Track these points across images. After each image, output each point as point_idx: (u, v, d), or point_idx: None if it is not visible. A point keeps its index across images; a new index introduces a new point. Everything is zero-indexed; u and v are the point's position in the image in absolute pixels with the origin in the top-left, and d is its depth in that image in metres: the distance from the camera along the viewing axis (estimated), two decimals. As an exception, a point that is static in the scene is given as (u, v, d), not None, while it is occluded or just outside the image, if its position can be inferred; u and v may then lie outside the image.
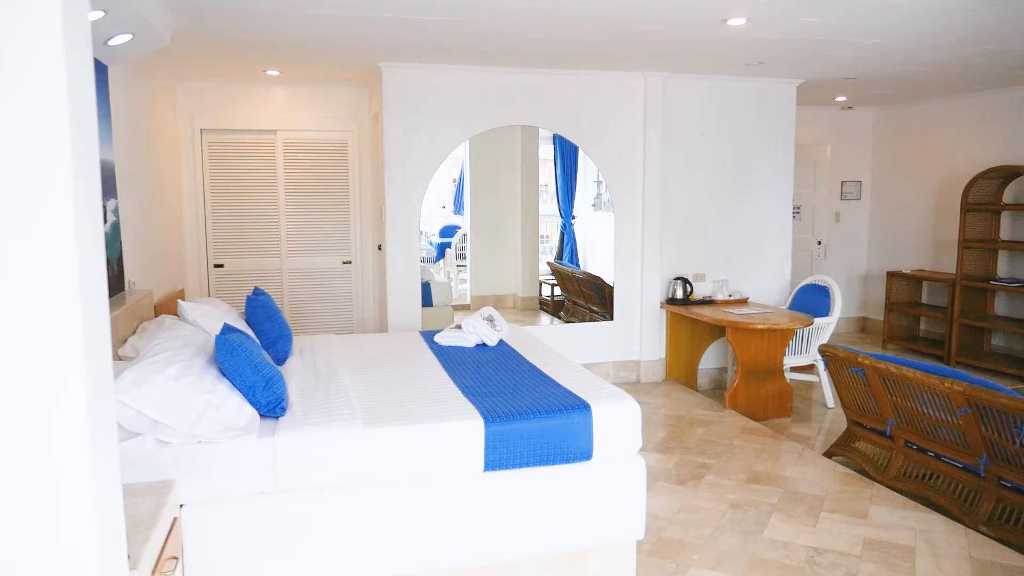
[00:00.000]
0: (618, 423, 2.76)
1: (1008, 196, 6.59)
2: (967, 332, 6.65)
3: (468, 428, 2.63)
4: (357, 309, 6.46)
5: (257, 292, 4.00)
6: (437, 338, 4.10)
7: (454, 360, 3.67)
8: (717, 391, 6.03)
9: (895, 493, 3.75)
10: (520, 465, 2.67)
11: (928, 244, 7.48)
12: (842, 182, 8.20)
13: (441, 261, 10.19)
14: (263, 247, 6.16)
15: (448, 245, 10.36)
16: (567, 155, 8.93)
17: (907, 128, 7.67)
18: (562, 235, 9.18)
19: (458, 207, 11.02)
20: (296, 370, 3.40)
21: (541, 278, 8.33)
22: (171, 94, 5.62)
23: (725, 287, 5.98)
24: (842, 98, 7.17)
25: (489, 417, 2.68)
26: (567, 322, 7.71)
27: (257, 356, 2.79)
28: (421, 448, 2.59)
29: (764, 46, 4.61)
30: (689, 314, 5.66)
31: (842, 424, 5.11)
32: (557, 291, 8.15)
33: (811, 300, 5.77)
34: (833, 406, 5.51)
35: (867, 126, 8.07)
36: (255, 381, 2.66)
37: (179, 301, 3.52)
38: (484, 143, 6.83)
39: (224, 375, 2.68)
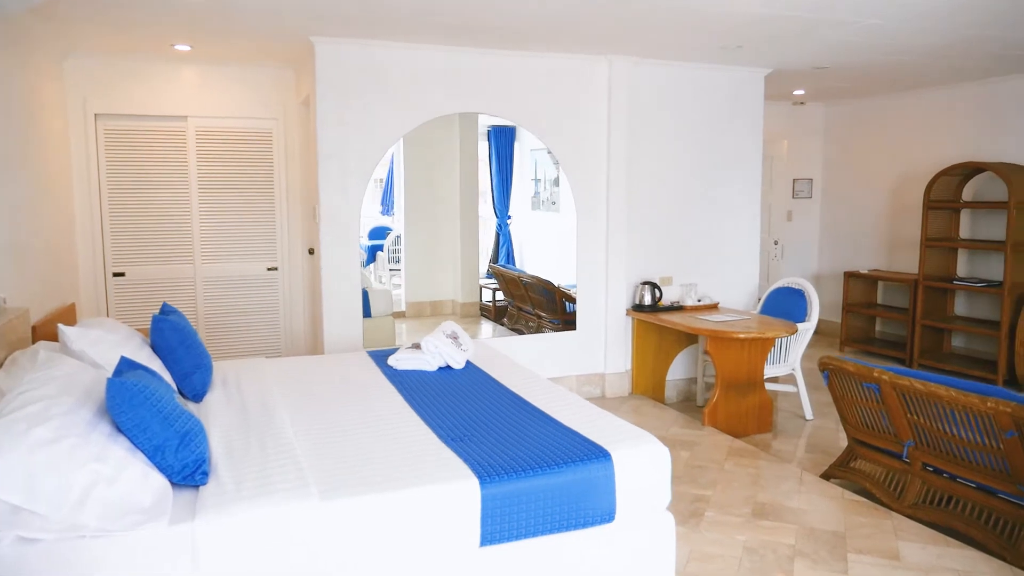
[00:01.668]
0: (645, 473, 2.19)
1: (967, 193, 6.41)
2: (928, 333, 6.44)
3: (459, 492, 2.00)
4: (285, 323, 5.68)
5: (166, 310, 3.23)
6: (392, 361, 3.43)
7: (417, 389, 3.01)
8: (686, 403, 5.57)
9: (919, 524, 3.33)
10: (526, 535, 2.06)
11: (882, 243, 7.27)
12: (794, 180, 7.93)
13: (372, 265, 9.45)
14: (172, 252, 5.31)
15: (380, 248, 9.63)
16: (502, 152, 8.37)
17: (859, 125, 7.46)
18: (497, 236, 8.63)
19: (387, 207, 10.30)
20: (219, 411, 2.67)
21: (482, 282, 7.74)
22: (57, 72, 4.72)
23: (693, 291, 5.52)
24: (800, 91, 6.86)
25: (485, 475, 2.05)
26: (512, 329, 7.16)
27: (167, 401, 2.07)
28: (398, 523, 1.95)
29: (749, 24, 4.13)
30: (658, 322, 5.18)
31: (824, 438, 4.74)
32: (499, 296, 7.58)
33: (785, 304, 5.38)
34: (812, 418, 5.13)
35: (818, 123, 7.83)
36: (165, 438, 1.95)
37: (60, 326, 2.72)
38: (419, 137, 6.19)
39: (121, 432, 1.96)
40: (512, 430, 2.44)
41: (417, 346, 3.52)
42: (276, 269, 5.62)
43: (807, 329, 5.08)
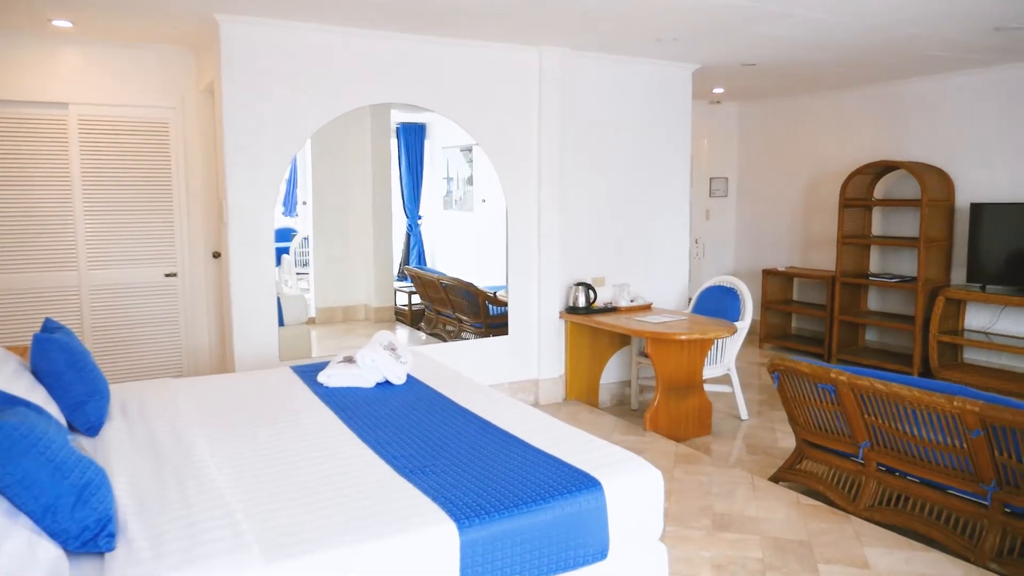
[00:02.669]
0: (639, 502, 1.94)
1: (879, 192, 6.58)
2: (844, 328, 6.56)
3: (434, 539, 1.68)
4: (187, 336, 5.12)
5: (50, 327, 2.72)
6: (323, 377, 3.04)
7: (356, 410, 2.65)
8: (621, 408, 5.41)
9: (879, 528, 3.25)
10: (510, 584, 1.76)
11: (797, 241, 7.40)
12: (711, 178, 7.97)
13: (278, 269, 8.85)
14: (52, 258, 4.66)
15: (285, 251, 9.04)
16: (412, 150, 8.01)
17: (773, 125, 7.57)
18: (408, 237, 8.28)
19: (290, 208, 9.71)
20: (122, 449, 2.22)
21: (396, 286, 7.36)
22: (-97, 48, 4.03)
23: (627, 292, 5.36)
24: (719, 90, 6.86)
25: (462, 516, 1.74)
26: (431, 334, 6.83)
27: (59, 446, 1.65)
28: (363, 583, 1.60)
29: (692, 11, 3.98)
30: (592, 324, 4.98)
31: (762, 438, 4.69)
32: (416, 299, 7.23)
33: (718, 303, 5.30)
34: (747, 418, 5.07)
35: (733, 122, 7.90)
36: (57, 495, 1.53)
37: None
38: (326, 133, 5.78)
39: (-1, 491, 1.52)
40: (480, 458, 2.13)
41: (350, 359, 3.15)
42: (175, 275, 5.05)
43: (742, 328, 5.01)
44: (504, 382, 5.14)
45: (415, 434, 2.37)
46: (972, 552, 2.96)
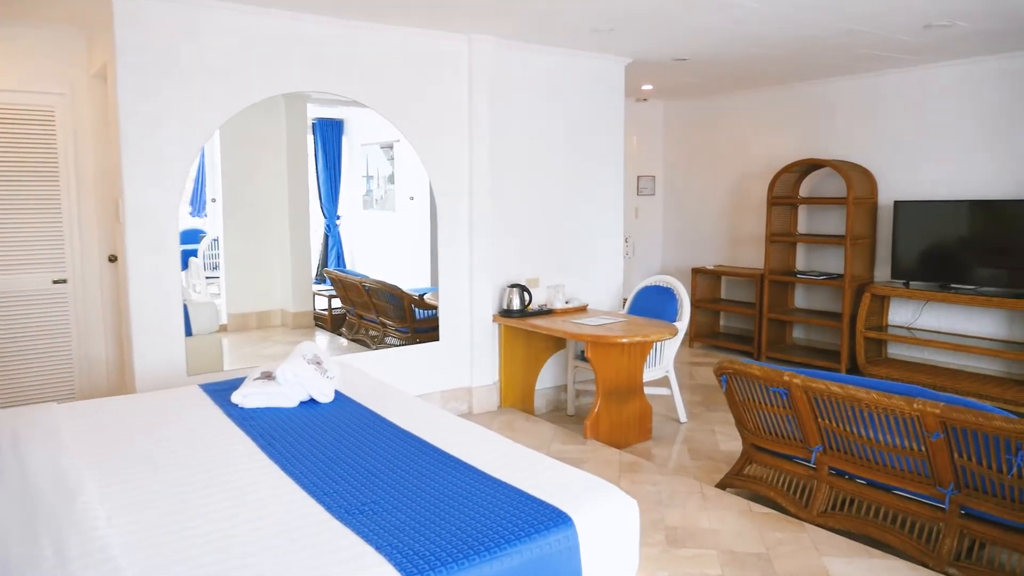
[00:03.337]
0: (614, 537, 1.70)
1: (804, 190, 6.63)
2: (772, 326, 6.58)
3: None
4: (80, 351, 4.59)
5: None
6: (238, 397, 2.68)
7: (279, 437, 2.32)
8: (557, 414, 5.20)
9: (835, 535, 3.14)
10: (472, 646, 1.48)
11: (724, 240, 7.40)
12: (638, 177, 7.90)
13: (185, 273, 8.24)
14: (-86, 265, 4.07)
15: (193, 253, 8.42)
16: (329, 147, 7.62)
17: (699, 123, 7.55)
18: (326, 238, 7.89)
19: (198, 207, 9.10)
20: (-11, 496, 1.83)
21: (315, 289, 6.94)
22: None
23: (561, 293, 5.16)
24: (648, 87, 6.76)
25: (412, 568, 1.46)
26: (354, 340, 6.46)
27: None
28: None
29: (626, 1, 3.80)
30: (528, 327, 4.76)
31: (702, 441, 4.58)
32: (336, 303, 6.84)
33: (654, 303, 5.17)
34: (686, 421, 4.96)
35: (659, 120, 7.85)
36: None
37: None
38: (239, 124, 5.35)
39: None
40: (429, 491, 1.84)
41: (269, 375, 2.79)
42: (65, 282, 4.52)
43: (681, 329, 4.88)
44: (435, 391, 4.84)
45: (350, 464, 2.06)
46: (929, 557, 2.88)
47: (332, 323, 6.82)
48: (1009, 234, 5.22)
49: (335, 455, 2.13)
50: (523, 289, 4.91)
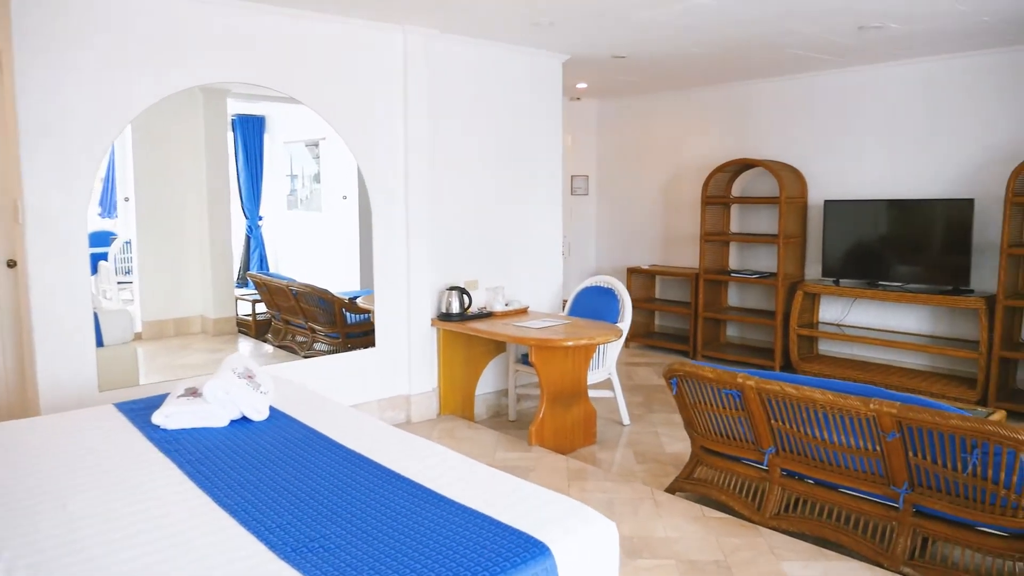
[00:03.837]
0: (594, 566, 1.55)
1: (736, 189, 6.70)
2: (707, 324, 6.62)
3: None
4: (-27, 364, 4.14)
5: None
6: (159, 418, 2.41)
7: (208, 462, 2.08)
8: (499, 420, 5.06)
9: (790, 538, 3.11)
10: None
11: (658, 239, 7.42)
12: (572, 176, 7.84)
13: (95, 278, 7.68)
14: None
15: (103, 257, 7.88)
16: (250, 145, 7.26)
17: (633, 122, 7.54)
18: (248, 240, 7.52)
19: (108, 209, 8.53)
20: None
21: (238, 294, 6.58)
22: None
23: (501, 295, 5.01)
24: (583, 85, 6.70)
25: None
26: (280, 347, 6.15)
27: None
28: None
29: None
30: (468, 331, 4.59)
31: (647, 443, 4.53)
32: (261, 308, 6.50)
33: (596, 305, 5.08)
34: (629, 423, 4.89)
35: (592, 119, 7.81)
36: None
37: None
38: (152, 121, 4.99)
39: None
40: (384, 522, 1.65)
41: (194, 392, 2.53)
42: (-46, 291, 4.06)
43: (624, 330, 4.81)
44: (372, 400, 4.62)
45: (294, 492, 1.84)
46: (884, 556, 2.87)
47: (256, 329, 6.49)
48: (927, 232, 5.38)
49: (276, 482, 1.91)
50: (462, 292, 4.73)
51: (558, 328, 4.41)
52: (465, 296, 4.74)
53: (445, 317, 4.72)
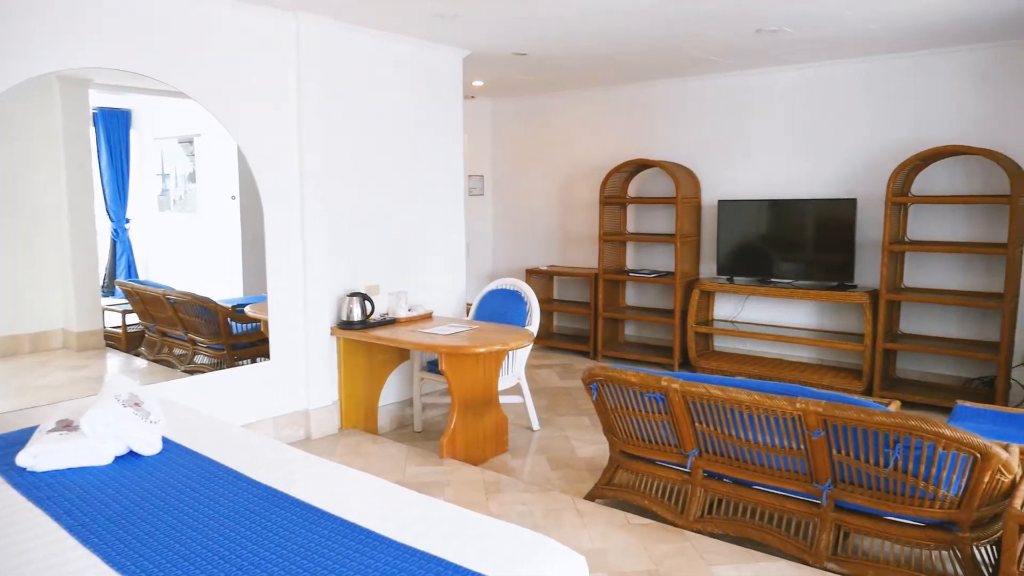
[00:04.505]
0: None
1: (632, 189, 6.76)
2: (606, 324, 6.64)
3: None
4: None
5: None
6: (25, 459, 2.04)
7: (92, 511, 1.76)
8: (404, 431, 4.82)
9: (717, 541, 3.08)
10: None
11: (555, 239, 7.40)
12: (468, 176, 7.67)
13: (-72, 291, 6.77)
14: None
15: (-61, 266, 6.97)
16: (115, 141, 6.66)
17: (529, 122, 7.48)
18: (113, 244, 6.89)
19: (-57, 211, 7.58)
20: None
21: (105, 304, 5.99)
22: None
23: (404, 300, 4.77)
24: (479, 83, 6.55)
25: None
26: (157, 361, 5.64)
27: None
28: None
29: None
30: (371, 340, 4.34)
31: (558, 448, 4.44)
32: (132, 319, 5.94)
33: (502, 308, 4.95)
34: (539, 428, 4.79)
35: (487, 118, 7.68)
36: None
37: None
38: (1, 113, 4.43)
39: None
40: (319, 573, 1.42)
41: (69, 425, 2.17)
42: None
43: (534, 333, 4.70)
44: (267, 417, 4.26)
45: (201, 543, 1.57)
46: (808, 553, 2.89)
47: (127, 342, 5.92)
48: (814, 231, 5.61)
49: (179, 531, 1.63)
50: (364, 298, 4.46)
51: (467, 334, 4.24)
52: (367, 302, 4.47)
53: (346, 325, 4.43)
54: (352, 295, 4.44)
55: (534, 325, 4.71)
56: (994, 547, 2.69)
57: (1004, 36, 4.64)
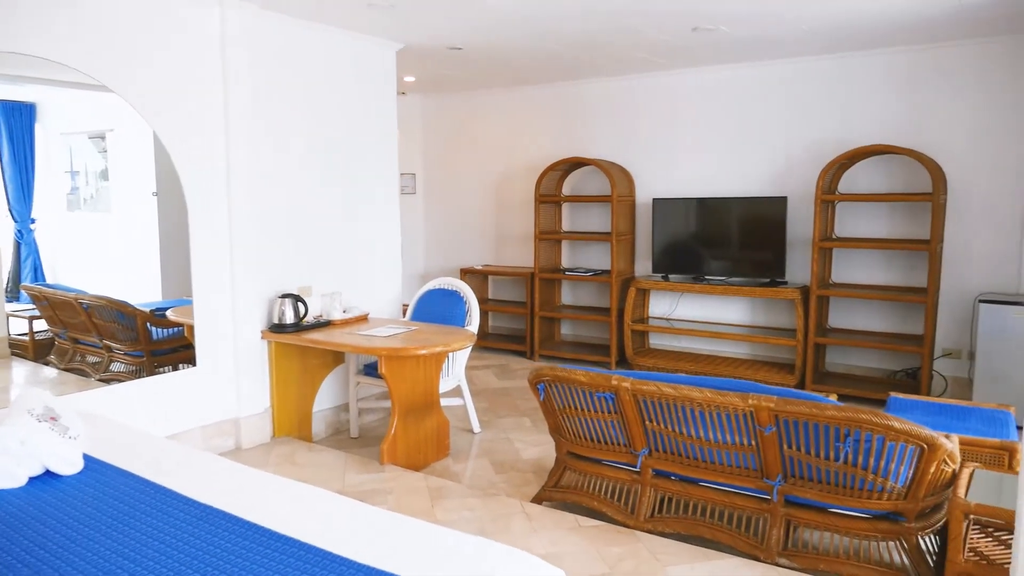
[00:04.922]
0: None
1: (566, 188, 6.74)
2: (542, 323, 6.60)
3: None
4: None
5: None
6: (-78, 485, 1.80)
7: (2, 541, 1.55)
8: (340, 438, 4.64)
9: (669, 540, 3.05)
10: None
11: (488, 238, 7.31)
12: (400, 175, 7.49)
13: None
14: None
15: None
16: (17, 136, 6.22)
17: (461, 119, 7.37)
18: (17, 246, 6.43)
19: None
20: None
21: (9, 310, 5.57)
22: None
23: (339, 302, 4.58)
24: (410, 78, 6.40)
25: None
26: (68, 370, 5.28)
27: None
28: None
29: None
30: (304, 343, 4.15)
31: (501, 450, 4.36)
32: (40, 326, 5.55)
33: (440, 308, 4.82)
34: (479, 430, 4.69)
35: (416, 115, 7.53)
36: None
37: None
38: None
39: None
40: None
41: (-28, 445, 1.93)
42: None
43: (474, 333, 4.59)
44: (194, 427, 4.01)
45: (134, 574, 1.40)
46: (760, 549, 2.90)
47: (35, 351, 5.52)
48: (746, 229, 5.72)
49: (109, 559, 1.45)
50: (297, 299, 4.26)
51: (406, 335, 4.10)
52: (300, 304, 4.27)
53: (278, 328, 4.22)
54: (284, 296, 4.23)
55: (474, 325, 4.61)
56: (937, 536, 2.75)
57: (924, 40, 4.82)
